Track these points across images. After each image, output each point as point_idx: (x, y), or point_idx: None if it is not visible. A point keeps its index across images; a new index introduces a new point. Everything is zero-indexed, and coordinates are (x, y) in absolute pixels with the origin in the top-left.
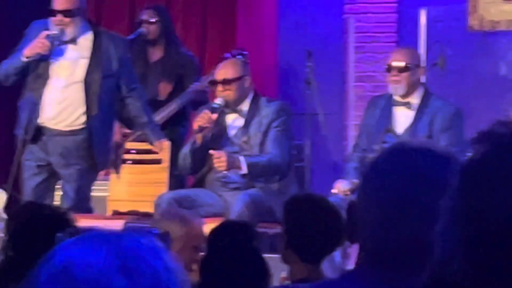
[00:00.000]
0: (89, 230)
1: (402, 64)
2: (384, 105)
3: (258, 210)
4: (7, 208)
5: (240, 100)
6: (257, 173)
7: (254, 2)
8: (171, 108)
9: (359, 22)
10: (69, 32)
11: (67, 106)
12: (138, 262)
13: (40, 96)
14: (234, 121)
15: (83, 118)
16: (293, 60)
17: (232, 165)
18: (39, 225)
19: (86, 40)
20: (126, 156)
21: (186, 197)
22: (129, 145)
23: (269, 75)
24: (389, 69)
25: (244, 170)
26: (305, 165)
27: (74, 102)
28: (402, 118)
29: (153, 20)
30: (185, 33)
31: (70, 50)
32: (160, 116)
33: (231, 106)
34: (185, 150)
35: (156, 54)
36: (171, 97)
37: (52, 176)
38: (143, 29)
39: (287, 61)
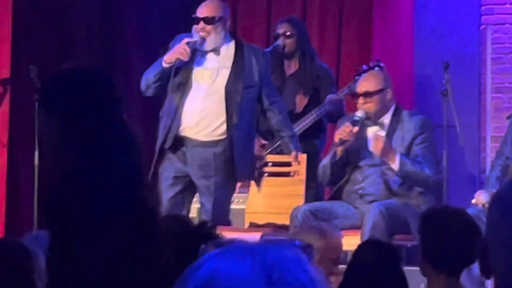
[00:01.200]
0: (232, 242)
1: None
2: None
3: (393, 221)
4: None
5: (381, 112)
6: (406, 174)
7: (390, 14)
8: (307, 121)
9: (496, 33)
10: (211, 41)
11: (208, 115)
12: (283, 274)
13: (180, 105)
14: (375, 133)
15: (223, 128)
16: (429, 71)
17: (386, 153)
18: (182, 239)
19: (228, 50)
20: (266, 169)
21: (322, 209)
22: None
23: (405, 86)
24: None
25: (397, 166)
26: (442, 177)
27: (214, 111)
28: None
29: (289, 33)
30: (321, 45)
31: (212, 59)
32: (297, 128)
33: (372, 118)
34: (325, 162)
35: (292, 67)
36: (307, 109)
37: (188, 188)
38: (280, 42)
39: (423, 73)
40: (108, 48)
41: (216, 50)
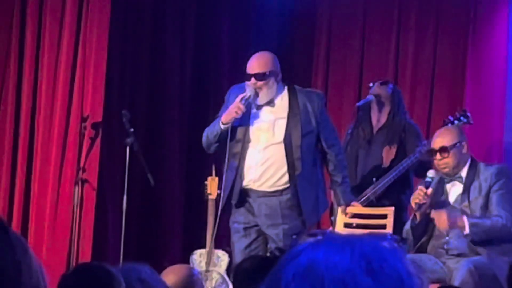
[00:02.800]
0: (325, 233)
1: None
2: None
3: (481, 277)
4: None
5: (458, 166)
6: (480, 233)
7: (482, 75)
8: (393, 174)
9: None
10: (264, 95)
11: (269, 167)
12: (382, 264)
13: (241, 160)
14: (453, 187)
15: (286, 178)
16: None
17: (454, 223)
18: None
19: (282, 101)
20: (350, 220)
21: (411, 262)
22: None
23: (495, 147)
24: None
25: (467, 230)
26: None
27: (276, 162)
28: None
29: (385, 98)
30: (412, 104)
31: (267, 113)
32: (383, 182)
33: (450, 173)
34: (407, 226)
35: (381, 120)
36: (393, 163)
37: (261, 237)
38: (372, 96)
39: None
40: (200, 97)
41: (270, 102)
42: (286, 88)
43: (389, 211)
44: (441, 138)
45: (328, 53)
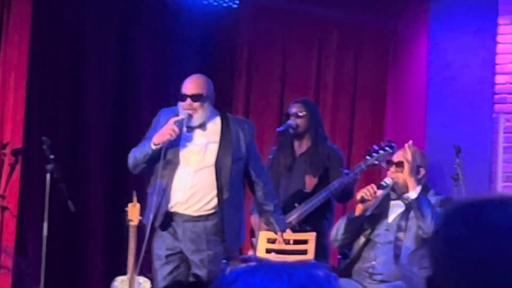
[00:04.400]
0: (259, 259)
1: None
2: None
3: None
4: None
5: (408, 188)
6: (419, 210)
7: (403, 99)
8: (316, 201)
9: (508, 122)
10: (198, 117)
11: (198, 191)
12: None
13: (169, 182)
14: (395, 206)
15: (214, 203)
16: (440, 157)
17: (412, 173)
18: None
19: (214, 125)
20: (271, 246)
21: None
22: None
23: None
24: None
25: (414, 195)
26: None
27: (204, 187)
28: None
29: (302, 113)
30: (333, 127)
31: (199, 136)
32: (305, 208)
33: (398, 191)
34: (340, 221)
35: (302, 146)
36: (317, 189)
37: (183, 264)
38: (292, 121)
39: (434, 158)
40: (121, 123)
41: (203, 126)
42: (218, 114)
43: (311, 236)
44: (403, 154)
45: (249, 79)
